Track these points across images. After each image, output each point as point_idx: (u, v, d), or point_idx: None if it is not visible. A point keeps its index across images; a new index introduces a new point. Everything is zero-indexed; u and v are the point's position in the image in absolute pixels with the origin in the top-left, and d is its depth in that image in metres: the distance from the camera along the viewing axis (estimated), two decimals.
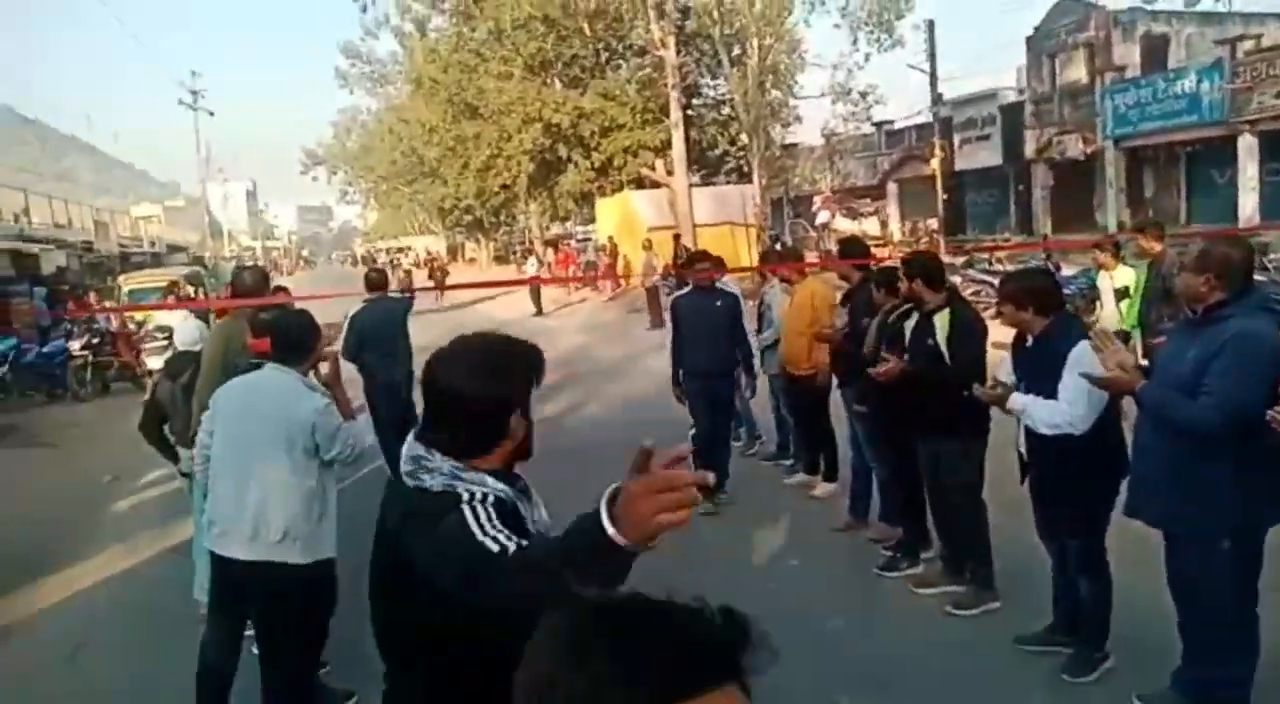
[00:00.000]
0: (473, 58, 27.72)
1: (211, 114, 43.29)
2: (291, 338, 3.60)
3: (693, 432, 6.45)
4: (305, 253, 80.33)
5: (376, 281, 7.67)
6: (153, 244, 37.39)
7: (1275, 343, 3.11)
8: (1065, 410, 3.50)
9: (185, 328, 5.26)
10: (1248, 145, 19.87)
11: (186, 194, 70.21)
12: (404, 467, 1.81)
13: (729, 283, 7.12)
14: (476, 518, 1.67)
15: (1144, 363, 4.50)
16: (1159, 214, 16.41)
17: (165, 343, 10.95)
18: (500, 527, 1.66)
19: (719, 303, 6.34)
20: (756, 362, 6.65)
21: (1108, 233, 10.61)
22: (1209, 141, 21.07)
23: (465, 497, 1.71)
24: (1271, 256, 13.18)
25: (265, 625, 3.55)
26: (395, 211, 57.51)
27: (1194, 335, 3.12)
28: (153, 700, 4.07)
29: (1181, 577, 3.28)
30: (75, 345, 13.73)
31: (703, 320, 6.33)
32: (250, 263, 25.41)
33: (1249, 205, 19.88)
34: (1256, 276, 4.15)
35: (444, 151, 30.31)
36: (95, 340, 13.79)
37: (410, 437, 1.82)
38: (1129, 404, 3.48)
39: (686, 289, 6.72)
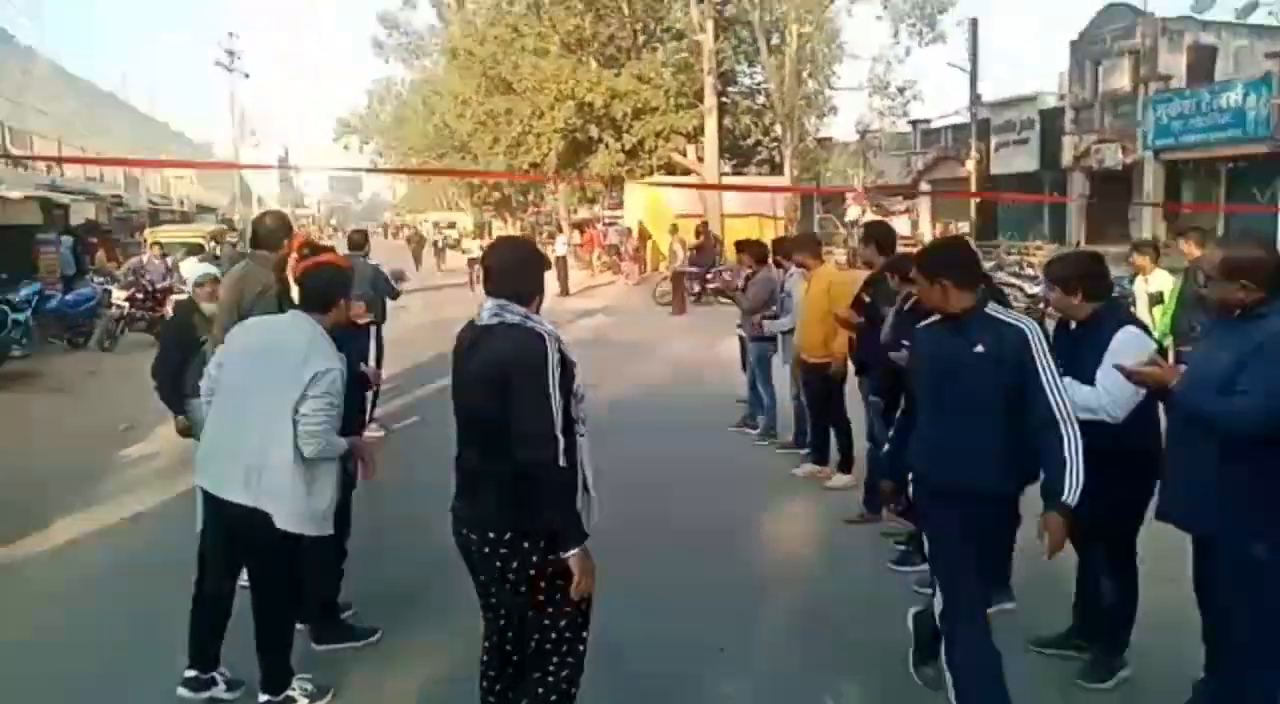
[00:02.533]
0: (509, 32, 27.58)
1: (247, 76, 43.46)
2: (315, 288, 3.56)
3: (916, 611, 3.70)
4: (334, 222, 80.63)
5: (357, 241, 8.63)
6: (182, 203, 37.60)
7: None
8: (1102, 395, 3.35)
9: (194, 270, 5.23)
10: None
11: (219, 156, 70.54)
12: (488, 312, 2.69)
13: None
14: (549, 364, 2.59)
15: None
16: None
17: None
18: (558, 385, 2.59)
19: (979, 348, 3.12)
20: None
21: (1144, 242, 10.33)
22: (1252, 158, 20.63)
23: (545, 329, 2.65)
24: None
25: (250, 567, 3.52)
26: (425, 185, 57.58)
27: (1230, 334, 3.00)
28: (148, 641, 4.04)
29: (1210, 583, 3.15)
30: (119, 295, 13.74)
31: (953, 377, 3.21)
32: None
33: None
34: None
35: (475, 125, 30.18)
36: (140, 294, 13.79)
37: (490, 298, 2.72)
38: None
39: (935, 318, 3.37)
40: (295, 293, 4.88)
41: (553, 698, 2.71)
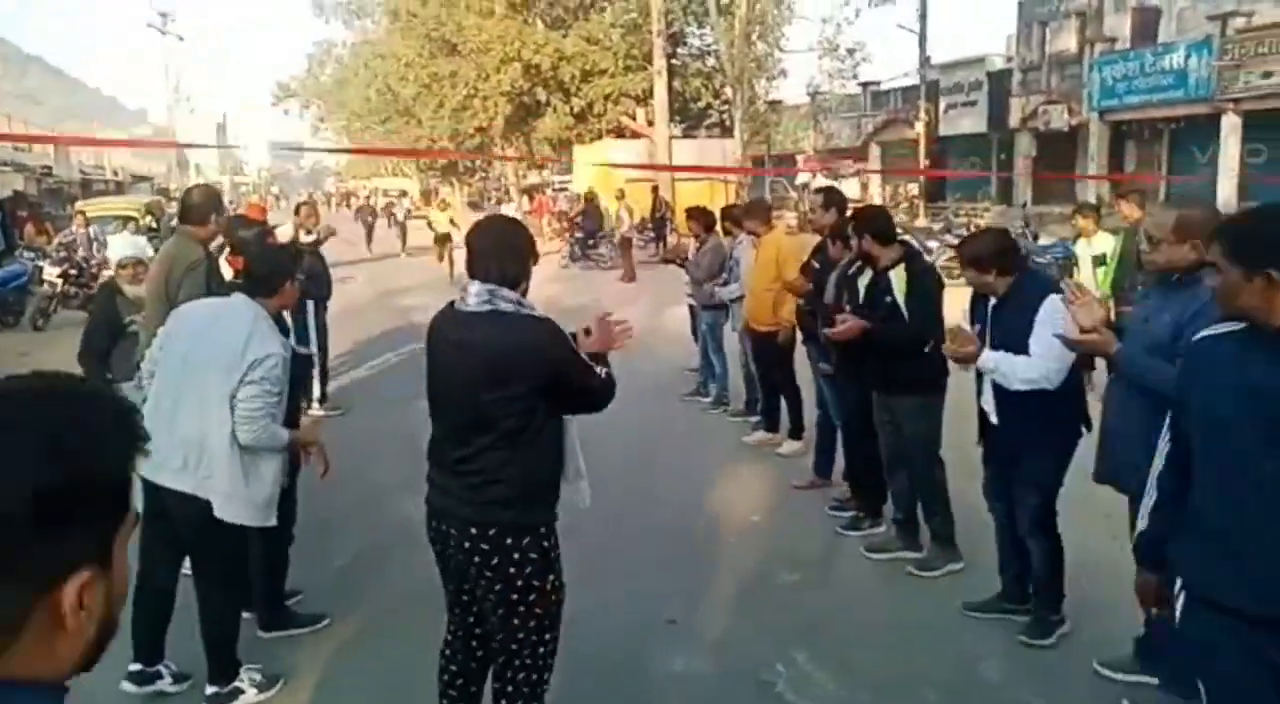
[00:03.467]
0: None
1: (181, 39, 42.04)
2: (259, 271, 3.46)
3: None
4: (275, 190, 78.52)
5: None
6: (116, 172, 36.39)
7: None
8: (1039, 365, 3.44)
9: (119, 245, 5.05)
10: (1231, 124, 19.81)
11: (154, 123, 68.29)
12: (476, 298, 2.55)
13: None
14: (561, 332, 2.61)
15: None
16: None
17: None
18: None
19: None
20: None
21: (1087, 204, 10.53)
22: (1193, 119, 21.01)
23: (543, 315, 2.61)
24: None
25: (192, 555, 3.44)
26: None
27: (1170, 297, 3.04)
28: None
29: None
30: (52, 272, 13.15)
31: (1269, 429, 2.01)
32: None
33: (1228, 185, 19.90)
34: None
35: (419, 89, 29.51)
36: (74, 270, 13.21)
37: (475, 281, 2.58)
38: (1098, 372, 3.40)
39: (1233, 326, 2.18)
40: (226, 271, 4.73)
41: (525, 692, 2.67)
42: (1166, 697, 3.22)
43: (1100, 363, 3.46)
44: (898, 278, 4.38)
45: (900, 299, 4.36)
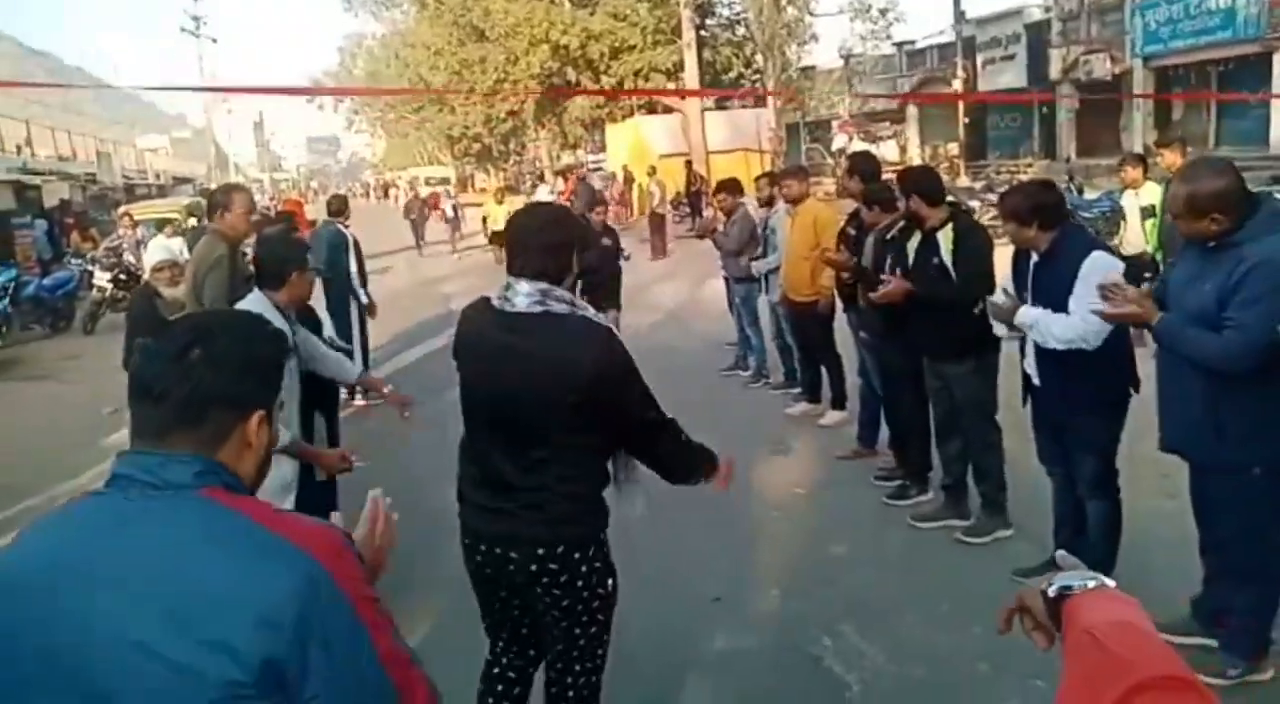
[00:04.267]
0: None
1: (214, 41, 42.58)
2: (266, 263, 3.43)
3: None
4: (314, 184, 79.49)
5: (336, 208, 8.17)
6: (158, 176, 37.09)
7: None
8: (1079, 324, 3.29)
9: (154, 249, 5.11)
10: None
11: (193, 125, 69.40)
12: (527, 298, 2.27)
13: None
14: (621, 345, 2.34)
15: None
16: (1187, 136, 15.67)
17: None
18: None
19: None
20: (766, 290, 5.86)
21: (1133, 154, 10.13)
22: (1243, 59, 20.24)
23: (601, 321, 2.35)
24: None
25: None
26: (403, 141, 56.70)
27: (1207, 263, 2.88)
28: None
29: (1208, 503, 3.09)
30: (103, 276, 13.39)
31: None
32: (259, 193, 25.01)
33: None
34: None
35: (450, 76, 29.56)
36: (123, 275, 13.43)
37: (519, 278, 2.29)
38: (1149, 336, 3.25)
39: None
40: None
41: (584, 694, 2.56)
42: (1228, 658, 3.09)
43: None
44: (945, 239, 4.23)
45: (948, 260, 4.21)
